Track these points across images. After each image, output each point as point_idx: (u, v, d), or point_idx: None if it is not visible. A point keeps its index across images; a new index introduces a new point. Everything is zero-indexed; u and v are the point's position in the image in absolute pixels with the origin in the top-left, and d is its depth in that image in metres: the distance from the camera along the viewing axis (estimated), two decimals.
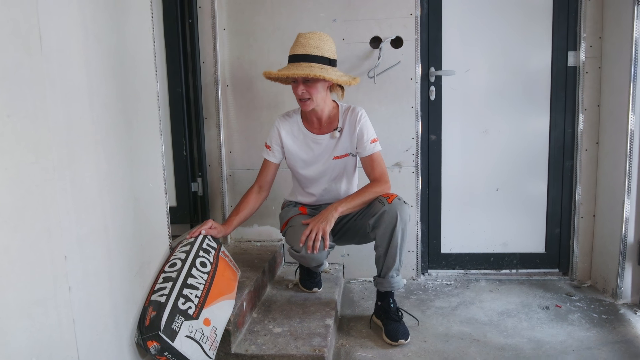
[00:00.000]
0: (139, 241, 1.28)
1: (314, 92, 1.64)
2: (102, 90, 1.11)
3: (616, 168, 2.03)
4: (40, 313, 0.87)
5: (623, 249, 1.99)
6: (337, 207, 1.64)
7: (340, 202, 1.66)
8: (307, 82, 1.62)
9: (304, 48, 1.63)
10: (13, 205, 0.81)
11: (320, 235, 1.57)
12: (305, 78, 1.61)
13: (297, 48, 1.64)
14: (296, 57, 1.63)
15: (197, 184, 2.28)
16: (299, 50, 1.63)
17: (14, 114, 0.82)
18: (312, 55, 1.62)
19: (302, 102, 1.67)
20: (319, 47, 1.63)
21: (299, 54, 1.63)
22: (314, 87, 1.63)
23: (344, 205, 1.65)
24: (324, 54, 1.63)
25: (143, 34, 1.36)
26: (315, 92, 1.64)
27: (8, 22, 0.81)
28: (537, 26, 2.22)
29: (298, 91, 1.63)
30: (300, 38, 1.66)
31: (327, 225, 1.59)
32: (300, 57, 1.62)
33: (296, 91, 1.64)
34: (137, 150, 1.29)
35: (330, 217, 1.61)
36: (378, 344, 1.67)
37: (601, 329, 1.77)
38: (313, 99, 1.66)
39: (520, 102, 2.28)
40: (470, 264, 2.40)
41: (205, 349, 1.26)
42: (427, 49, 2.26)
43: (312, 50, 1.62)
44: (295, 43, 1.66)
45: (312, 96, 1.65)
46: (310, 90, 1.63)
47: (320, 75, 1.57)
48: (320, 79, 1.62)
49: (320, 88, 1.66)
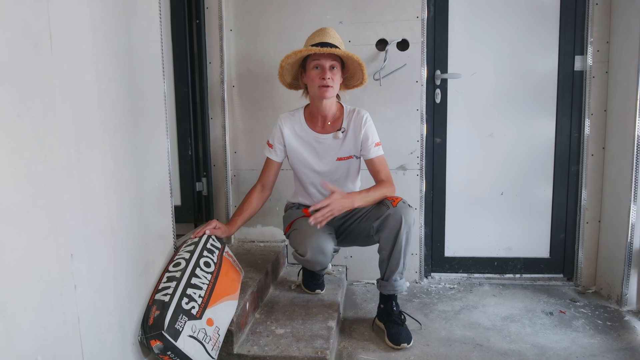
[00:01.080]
0: (144, 240, 1.28)
1: (336, 80, 1.68)
2: (110, 90, 1.12)
3: (622, 173, 2.02)
4: (45, 311, 0.88)
5: (628, 255, 1.98)
6: (353, 200, 1.60)
7: (355, 195, 1.63)
8: (333, 70, 1.66)
9: (332, 38, 1.67)
10: (22, 204, 0.82)
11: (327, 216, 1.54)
12: (332, 65, 1.65)
13: (324, 37, 1.67)
14: (324, 44, 1.65)
15: (201, 184, 2.28)
16: (327, 39, 1.66)
17: (23, 113, 0.82)
18: (338, 47, 1.66)
19: (325, 89, 1.66)
20: (341, 42, 1.71)
21: (327, 42, 1.65)
22: (337, 76, 1.68)
23: (359, 199, 1.62)
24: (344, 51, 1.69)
25: (151, 34, 1.37)
26: (337, 80, 1.68)
27: (19, 22, 0.82)
28: (544, 30, 2.22)
29: (325, 75, 1.64)
30: (327, 29, 1.70)
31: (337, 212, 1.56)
32: (328, 44, 1.65)
33: (322, 76, 1.65)
34: (144, 150, 1.30)
35: (346, 207, 1.59)
36: (380, 347, 1.67)
37: (606, 336, 1.76)
38: (334, 87, 1.68)
39: (526, 106, 2.27)
40: (474, 268, 2.39)
41: (208, 349, 1.27)
42: (433, 51, 2.26)
43: (337, 42, 1.68)
44: (320, 33, 1.70)
45: (334, 84, 1.67)
46: (334, 77, 1.66)
47: (358, 59, 1.64)
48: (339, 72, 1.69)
49: (338, 80, 1.70)
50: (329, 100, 1.71)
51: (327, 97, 1.69)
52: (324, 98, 1.69)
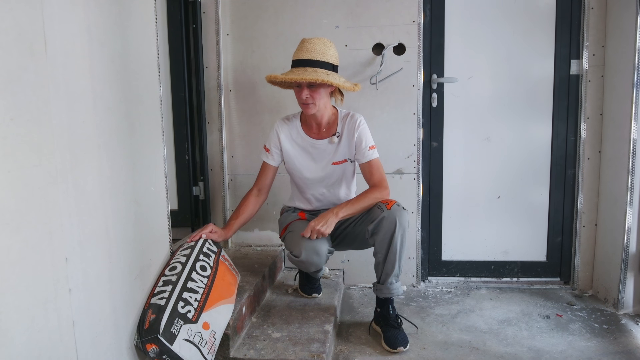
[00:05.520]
0: (139, 244, 1.28)
1: (317, 97, 1.66)
2: (105, 94, 1.12)
3: (618, 177, 2.02)
4: (40, 315, 0.88)
5: (625, 258, 1.98)
6: (337, 212, 1.65)
7: (341, 206, 1.67)
8: (312, 87, 1.64)
9: (309, 53, 1.64)
10: (15, 207, 0.82)
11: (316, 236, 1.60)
12: (312, 83, 1.62)
13: (302, 53, 1.66)
14: (301, 61, 1.64)
15: (198, 188, 2.29)
16: (305, 55, 1.64)
17: (17, 117, 0.83)
18: (318, 61, 1.63)
19: (305, 106, 1.68)
20: (324, 52, 1.65)
21: (304, 59, 1.64)
22: (318, 92, 1.65)
23: (344, 210, 1.65)
24: (329, 59, 1.65)
25: (147, 38, 1.38)
26: (318, 97, 1.66)
27: (13, 26, 0.82)
28: (540, 34, 2.23)
29: (302, 95, 1.65)
30: (306, 43, 1.67)
31: (327, 228, 1.61)
32: (305, 62, 1.64)
33: (300, 95, 1.66)
34: (140, 154, 1.30)
35: (330, 221, 1.62)
36: (377, 350, 1.67)
37: (602, 339, 1.76)
38: (316, 104, 1.67)
39: (523, 110, 2.28)
40: (470, 271, 2.39)
41: (204, 352, 1.26)
42: (430, 56, 2.27)
43: (317, 55, 1.64)
44: (300, 48, 1.68)
45: (315, 101, 1.66)
46: (314, 95, 1.65)
47: (327, 80, 1.59)
48: (324, 85, 1.64)
49: (323, 93, 1.68)
50: (316, 112, 1.72)
51: (309, 113, 1.70)
52: (307, 114, 1.71)
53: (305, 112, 1.71)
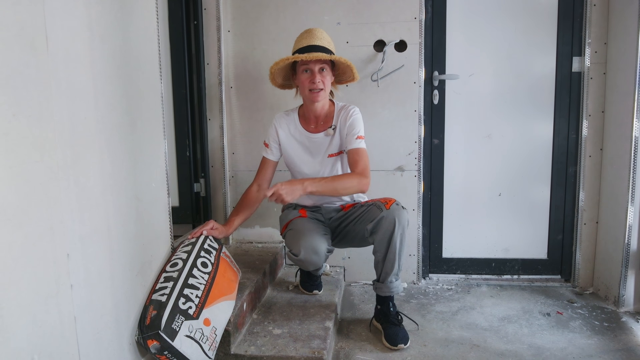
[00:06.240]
0: (141, 241, 1.29)
1: (327, 82, 1.68)
2: (107, 90, 1.12)
3: (620, 175, 2.02)
4: (42, 310, 0.88)
5: (626, 256, 1.98)
6: (307, 185, 1.55)
7: (314, 180, 1.58)
8: (322, 72, 1.66)
9: (319, 40, 1.67)
10: (17, 203, 0.82)
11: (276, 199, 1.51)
12: (322, 67, 1.65)
13: (312, 39, 1.67)
14: (311, 47, 1.65)
15: (199, 185, 2.29)
16: (315, 42, 1.66)
17: (19, 113, 0.83)
18: (327, 48, 1.67)
19: (316, 94, 1.67)
20: (329, 42, 1.71)
21: (314, 45, 1.65)
22: (326, 78, 1.68)
23: (315, 185, 1.56)
24: (333, 49, 1.70)
25: (148, 35, 1.37)
26: (328, 82, 1.69)
27: (15, 22, 0.82)
28: (542, 31, 2.22)
29: (315, 79, 1.65)
30: (312, 31, 1.70)
31: (287, 196, 1.51)
32: (315, 47, 1.65)
33: (312, 80, 1.65)
34: (141, 151, 1.30)
35: (296, 192, 1.53)
36: (377, 347, 1.67)
37: (603, 337, 1.76)
38: (325, 89, 1.69)
39: (524, 107, 2.27)
40: (471, 269, 2.40)
41: (205, 348, 1.27)
42: (431, 52, 2.27)
43: (325, 43, 1.68)
44: (306, 35, 1.69)
45: (325, 87, 1.68)
46: (324, 80, 1.67)
47: (346, 61, 1.64)
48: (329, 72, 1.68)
49: (329, 80, 1.70)
50: (320, 102, 1.72)
51: (318, 101, 1.70)
52: (315, 102, 1.70)
53: (314, 101, 1.70)
